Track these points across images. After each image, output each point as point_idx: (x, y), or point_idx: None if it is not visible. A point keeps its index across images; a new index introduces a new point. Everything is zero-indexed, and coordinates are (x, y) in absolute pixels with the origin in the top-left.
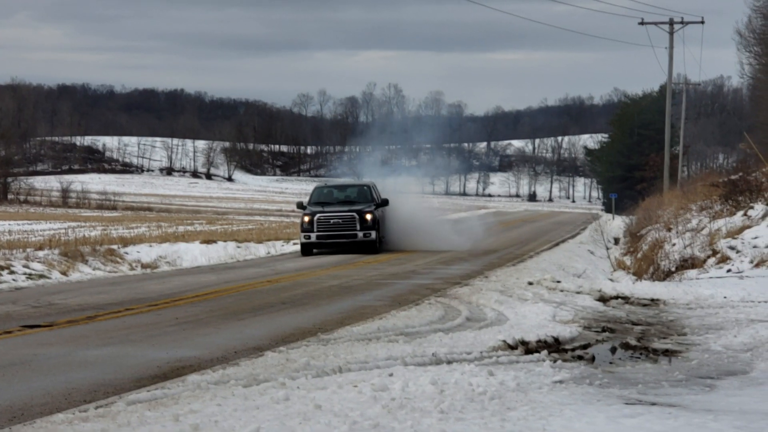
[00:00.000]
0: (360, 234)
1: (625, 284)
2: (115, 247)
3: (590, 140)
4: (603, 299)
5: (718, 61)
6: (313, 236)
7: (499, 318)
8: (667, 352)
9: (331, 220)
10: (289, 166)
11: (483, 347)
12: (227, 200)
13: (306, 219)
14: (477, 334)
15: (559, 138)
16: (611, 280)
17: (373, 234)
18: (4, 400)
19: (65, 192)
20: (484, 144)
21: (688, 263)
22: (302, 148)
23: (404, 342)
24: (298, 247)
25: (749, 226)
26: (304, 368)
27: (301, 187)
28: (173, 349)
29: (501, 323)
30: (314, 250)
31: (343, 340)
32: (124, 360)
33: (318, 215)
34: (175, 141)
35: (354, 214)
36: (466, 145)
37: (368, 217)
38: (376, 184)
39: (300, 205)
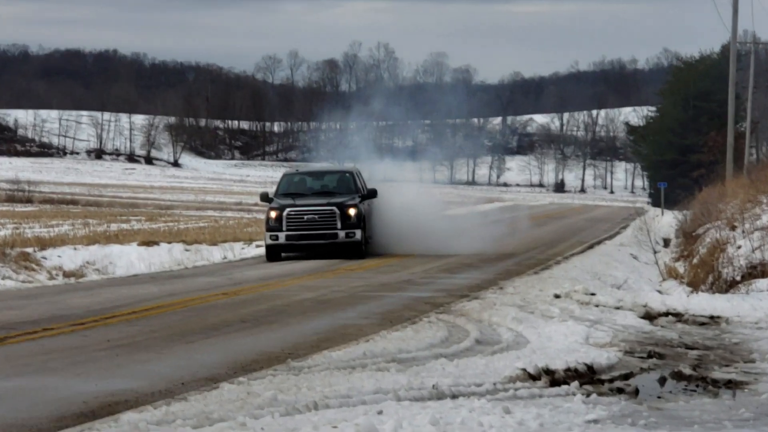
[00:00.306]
0: (341, 234)
1: (678, 297)
2: (30, 250)
3: (633, 115)
4: (649, 316)
5: None
6: (282, 236)
7: (517, 340)
8: (730, 384)
9: (305, 216)
10: (251, 148)
11: (497, 377)
12: (173, 191)
13: (273, 215)
14: (489, 361)
15: (594, 112)
16: (659, 292)
17: (358, 233)
18: None
19: None
20: (498, 120)
21: (758, 271)
22: (268, 124)
23: (397, 371)
24: (262, 251)
25: None
26: (270, 404)
27: (267, 174)
28: (104, 380)
29: (520, 347)
30: (283, 255)
31: (319, 368)
32: (41, 394)
33: (288, 210)
34: (107, 116)
35: (334, 208)
36: (475, 121)
37: (352, 211)
38: (361, 171)
39: (265, 197)
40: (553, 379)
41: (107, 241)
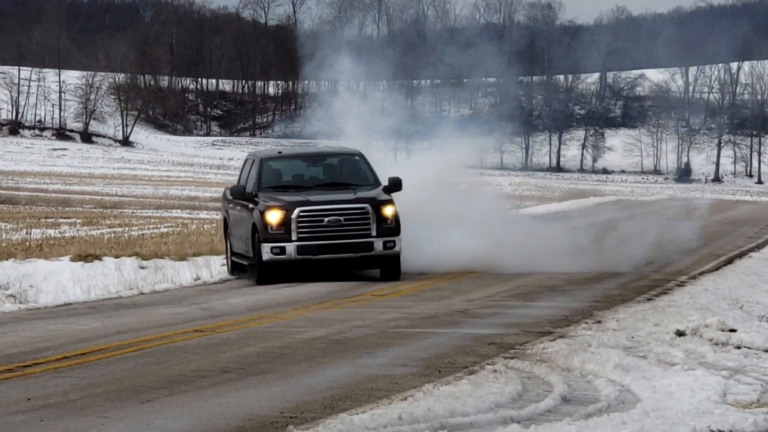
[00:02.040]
0: (378, 243)
1: None
2: None
3: None
4: None
5: None
6: (292, 249)
7: (622, 398)
8: None
9: (326, 218)
10: (234, 119)
11: None
12: (122, 181)
13: (273, 217)
14: (582, 428)
15: (734, 65)
16: None
17: (398, 243)
18: None
19: None
20: (594, 77)
21: None
22: (259, 85)
23: None
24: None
25: None
26: None
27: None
28: None
29: (626, 407)
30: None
31: None
32: None
33: (300, 209)
34: (26, 73)
35: (366, 206)
36: (560, 78)
37: (389, 211)
38: (395, 150)
39: (241, 193)
40: None
41: (26, 254)
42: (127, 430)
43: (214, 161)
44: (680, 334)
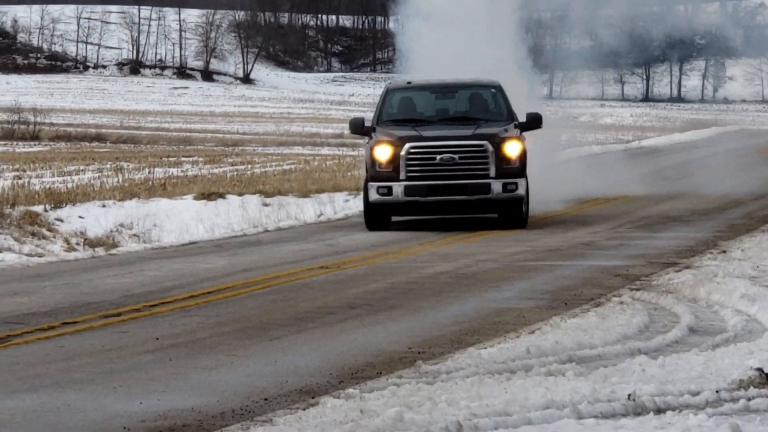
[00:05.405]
0: (496, 185)
1: None
2: (38, 209)
3: None
4: None
5: None
6: (399, 189)
7: (749, 327)
8: None
9: (438, 156)
10: (355, 55)
11: (721, 382)
12: (243, 119)
13: (382, 153)
14: (709, 358)
15: None
16: None
17: (522, 185)
18: None
19: None
20: (714, 5)
21: None
22: (380, 20)
23: (576, 375)
24: None
25: None
26: (394, 427)
27: (379, 93)
28: (152, 397)
29: (753, 337)
30: (393, 219)
31: (463, 373)
32: (60, 418)
33: (410, 145)
34: (146, 12)
35: (485, 143)
36: (681, 8)
37: (512, 149)
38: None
39: (358, 126)
40: None
41: (149, 194)
42: (256, 367)
43: (335, 97)
44: None
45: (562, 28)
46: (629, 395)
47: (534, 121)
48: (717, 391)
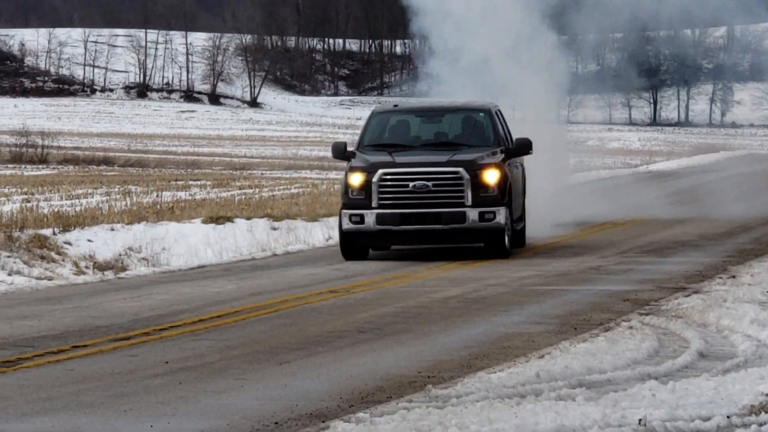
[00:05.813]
0: (472, 214)
1: None
2: (47, 232)
3: None
4: None
5: None
6: (370, 218)
7: (759, 353)
8: None
9: (411, 183)
10: (362, 79)
11: (732, 407)
12: (250, 142)
13: (354, 180)
14: (720, 383)
15: None
16: None
17: (501, 214)
18: None
19: None
20: (721, 31)
21: None
22: (387, 44)
23: (586, 399)
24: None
25: None
26: None
27: None
28: (162, 420)
29: (764, 362)
30: (370, 250)
31: (473, 397)
32: None
33: (382, 171)
34: (153, 35)
35: (460, 170)
36: (688, 34)
37: (490, 176)
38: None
39: (340, 151)
40: None
41: (158, 217)
42: (266, 391)
43: (342, 121)
44: None
45: (570, 52)
46: (640, 420)
47: (522, 147)
48: (728, 417)
